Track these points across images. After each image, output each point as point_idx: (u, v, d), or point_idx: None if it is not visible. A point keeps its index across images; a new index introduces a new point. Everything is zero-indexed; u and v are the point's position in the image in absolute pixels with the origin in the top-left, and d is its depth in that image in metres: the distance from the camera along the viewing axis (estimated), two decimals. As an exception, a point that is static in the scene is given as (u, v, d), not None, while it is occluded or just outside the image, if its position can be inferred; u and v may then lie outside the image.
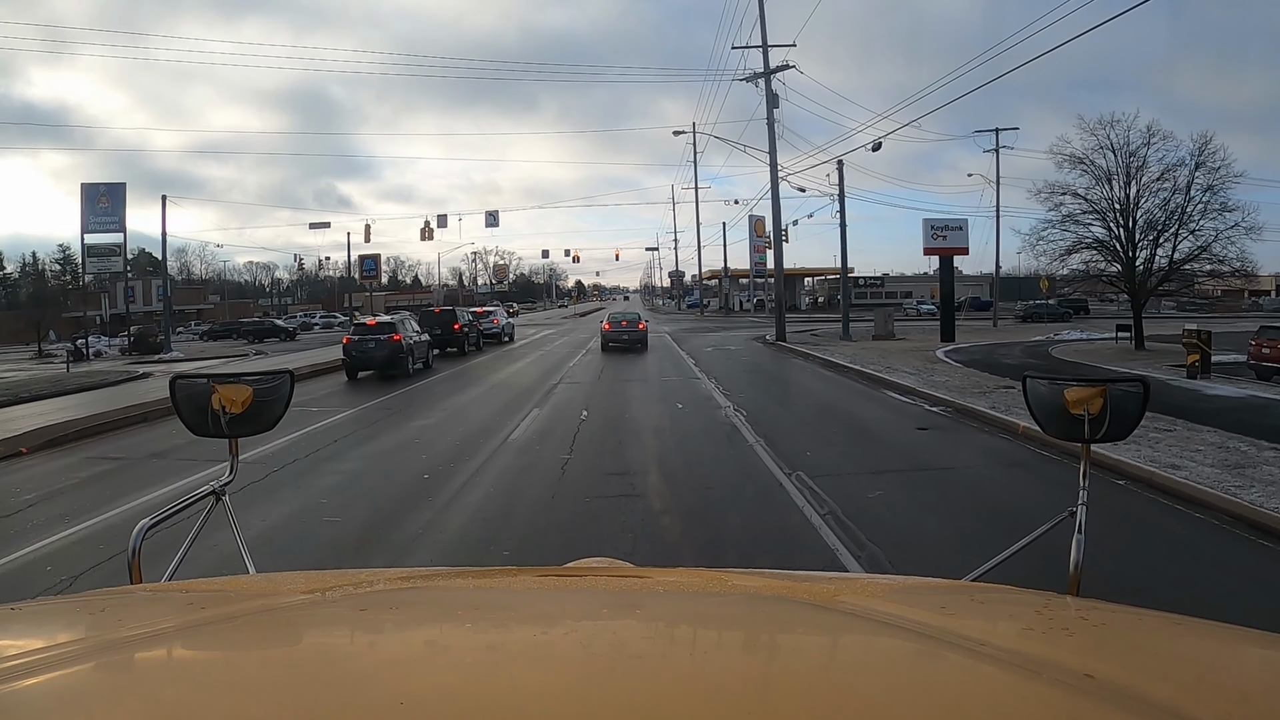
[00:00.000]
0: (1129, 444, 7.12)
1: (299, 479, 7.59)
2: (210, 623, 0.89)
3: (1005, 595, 1.12)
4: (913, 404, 12.28)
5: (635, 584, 1.21)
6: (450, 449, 8.85)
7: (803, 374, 17.63)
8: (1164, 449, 7.73)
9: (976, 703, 0.66)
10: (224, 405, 1.41)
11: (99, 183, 39.05)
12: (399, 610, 0.95)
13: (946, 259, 32.13)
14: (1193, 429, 8.91)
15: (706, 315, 62.02)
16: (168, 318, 39.74)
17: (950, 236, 32.00)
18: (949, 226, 32.23)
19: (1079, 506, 1.29)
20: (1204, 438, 8.39)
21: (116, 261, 40.50)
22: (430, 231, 33.74)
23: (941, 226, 32.05)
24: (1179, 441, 8.13)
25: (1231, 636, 0.89)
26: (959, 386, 13.40)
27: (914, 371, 16.53)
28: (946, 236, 31.90)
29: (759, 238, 58.52)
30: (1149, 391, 1.34)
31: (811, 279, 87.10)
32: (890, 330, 32.51)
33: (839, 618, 0.94)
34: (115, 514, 6.48)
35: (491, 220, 33.81)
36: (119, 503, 6.88)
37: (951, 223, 32.50)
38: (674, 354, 22.71)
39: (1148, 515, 5.97)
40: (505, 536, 5.62)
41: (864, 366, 17.80)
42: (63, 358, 33.21)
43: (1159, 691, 0.67)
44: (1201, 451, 7.65)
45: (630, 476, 7.31)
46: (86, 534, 5.98)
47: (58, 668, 0.69)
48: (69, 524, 6.24)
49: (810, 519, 5.83)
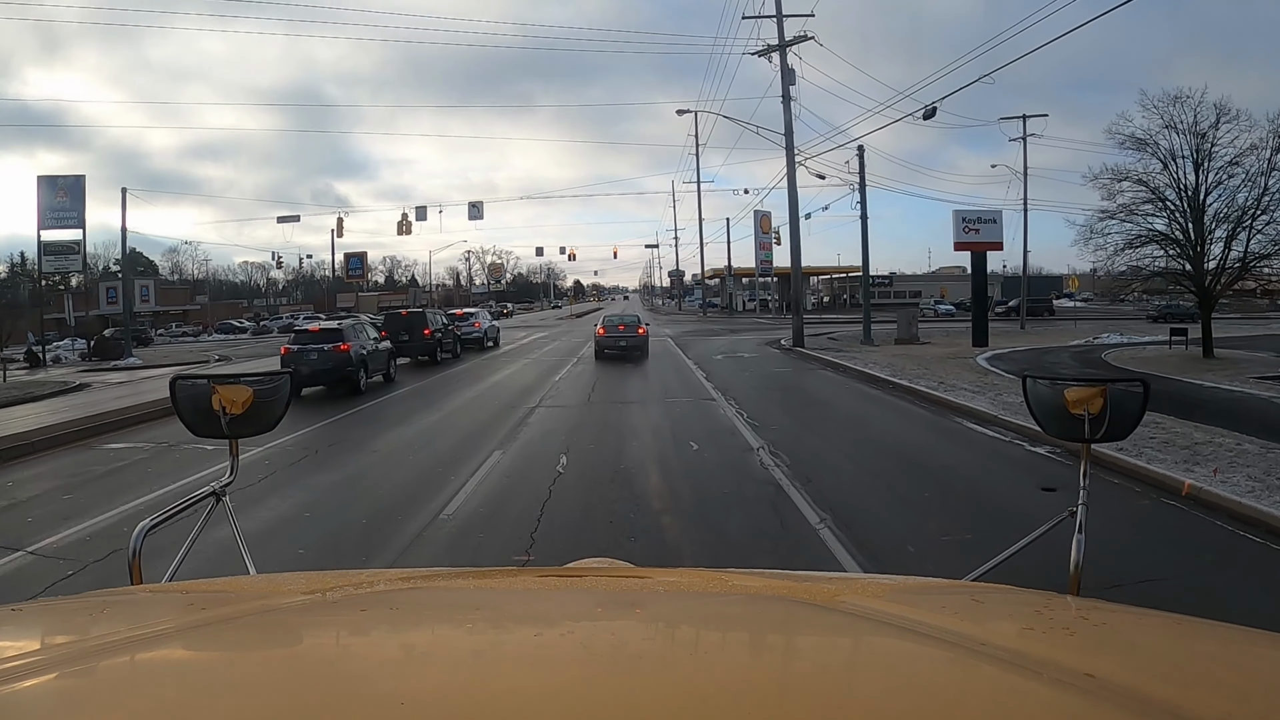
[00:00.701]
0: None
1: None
2: (210, 623, 0.89)
3: (1005, 595, 1.12)
4: (1005, 440, 9.15)
5: (635, 584, 1.20)
6: (345, 538, 5.72)
7: (841, 392, 14.46)
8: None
9: (977, 702, 0.66)
10: (224, 406, 1.41)
11: (58, 175, 36.23)
12: (399, 610, 0.96)
13: (979, 255, 29.03)
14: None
15: (710, 316, 58.83)
16: (128, 321, 36.52)
17: (983, 230, 28.90)
18: (982, 219, 29.12)
19: (1079, 506, 1.30)
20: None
21: (75, 260, 37.54)
22: (408, 225, 30.59)
23: (974, 219, 28.94)
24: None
25: (1231, 636, 0.89)
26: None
27: (974, 389, 13.41)
28: (979, 230, 28.81)
29: (765, 234, 55.39)
30: (1149, 391, 1.34)
31: (816, 278, 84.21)
32: (915, 333, 29.58)
33: (839, 618, 0.94)
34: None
35: (475, 212, 30.65)
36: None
37: (985, 215, 29.39)
38: (679, 363, 19.58)
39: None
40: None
41: (911, 381, 14.69)
42: (20, 362, 30.63)
43: (1159, 691, 0.66)
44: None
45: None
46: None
47: (58, 668, 0.70)
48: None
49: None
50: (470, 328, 25.14)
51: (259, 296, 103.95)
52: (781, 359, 21.03)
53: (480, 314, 27.15)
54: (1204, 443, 7.98)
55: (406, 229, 30.63)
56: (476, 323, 25.66)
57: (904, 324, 29.67)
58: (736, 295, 66.69)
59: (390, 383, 16.65)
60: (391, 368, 17.25)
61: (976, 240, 28.73)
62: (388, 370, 17.01)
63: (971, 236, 28.64)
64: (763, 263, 55.40)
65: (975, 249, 28.82)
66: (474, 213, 30.83)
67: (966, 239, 28.59)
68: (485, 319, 27.01)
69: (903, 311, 31.69)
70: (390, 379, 16.94)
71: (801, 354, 21.48)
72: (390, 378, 17.01)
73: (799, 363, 19.87)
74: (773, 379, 16.39)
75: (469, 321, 25.53)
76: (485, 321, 26.54)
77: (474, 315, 26.33)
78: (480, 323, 25.83)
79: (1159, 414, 9.10)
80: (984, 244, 28.96)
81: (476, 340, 25.41)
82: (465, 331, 24.72)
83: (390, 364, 17.20)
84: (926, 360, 18.94)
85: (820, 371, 17.74)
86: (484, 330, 25.82)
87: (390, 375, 17.12)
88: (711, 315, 60.57)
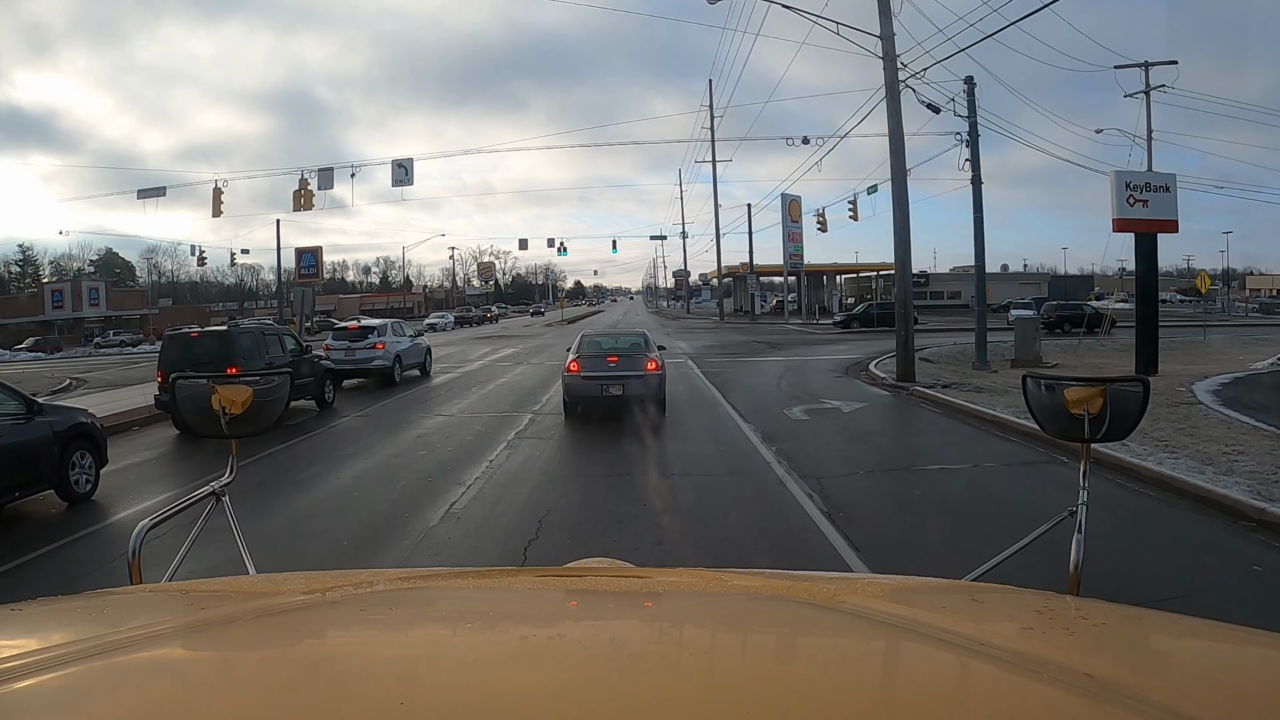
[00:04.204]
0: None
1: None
2: (211, 623, 0.89)
3: (1005, 595, 1.11)
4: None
5: (635, 584, 1.19)
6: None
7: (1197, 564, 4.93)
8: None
9: (977, 702, 0.65)
10: (224, 406, 1.41)
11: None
12: (399, 610, 0.95)
13: (1147, 239, 19.68)
14: None
15: (728, 322, 49.19)
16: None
17: (1154, 203, 19.38)
18: (1150, 186, 19.74)
19: (1079, 506, 1.30)
20: None
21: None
22: (308, 196, 21.38)
23: (1140, 186, 19.56)
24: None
25: (1231, 636, 0.89)
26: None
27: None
28: (1149, 203, 19.39)
29: (794, 222, 45.85)
30: (1149, 390, 1.33)
31: (841, 276, 74.70)
32: (1038, 351, 20.52)
33: (839, 618, 0.93)
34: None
35: (402, 174, 21.39)
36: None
37: (1155, 180, 19.99)
38: (741, 449, 9.38)
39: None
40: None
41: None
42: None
43: (1159, 691, 0.66)
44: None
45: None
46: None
47: (58, 668, 0.69)
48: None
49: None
50: (368, 352, 15.58)
51: (252, 298, 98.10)
52: (918, 419, 11.38)
53: (388, 328, 16.79)
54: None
55: (306, 202, 21.43)
56: (379, 344, 15.97)
57: (1024, 339, 20.59)
58: (755, 296, 56.89)
59: (87, 500, 7.32)
60: (93, 469, 7.88)
61: (1145, 216, 19.30)
62: (93, 470, 7.63)
63: (1139, 211, 19.16)
64: (792, 256, 45.79)
65: (1142, 229, 19.43)
66: (400, 175, 21.52)
67: (1132, 214, 19.12)
68: (398, 336, 17.03)
69: (1022, 323, 22.23)
70: (90, 491, 7.55)
71: (936, 403, 12.00)
72: (93, 485, 7.62)
73: (975, 436, 10.13)
74: (1007, 511, 6.72)
75: (366, 342, 15.93)
76: (397, 341, 16.74)
77: (375, 331, 16.36)
78: (384, 344, 16.03)
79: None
80: (1154, 222, 19.53)
81: (383, 372, 16.01)
82: (359, 359, 15.28)
83: (91, 463, 7.79)
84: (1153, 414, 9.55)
85: (1053, 471, 8.02)
86: (393, 356, 16.11)
87: (94, 480, 7.76)
88: (730, 320, 51.00)
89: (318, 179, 21.60)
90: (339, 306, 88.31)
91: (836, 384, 15.13)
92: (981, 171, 18.71)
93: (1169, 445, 8.49)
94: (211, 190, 21.22)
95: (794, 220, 45.75)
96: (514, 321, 62.81)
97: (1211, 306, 37.83)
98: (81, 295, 68.91)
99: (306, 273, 54.05)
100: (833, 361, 19.57)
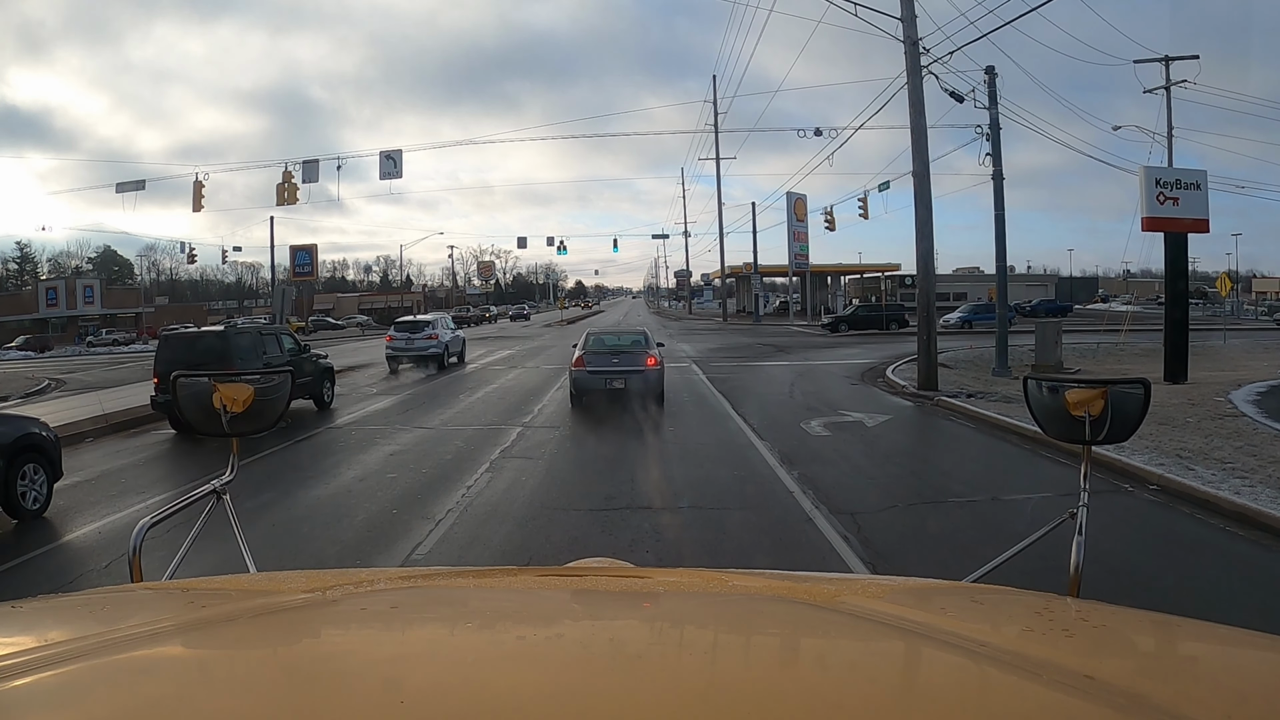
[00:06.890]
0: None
1: None
2: (211, 621, 0.88)
3: (1005, 596, 1.10)
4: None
5: (635, 584, 1.18)
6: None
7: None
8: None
9: (977, 704, 0.65)
10: (225, 404, 1.40)
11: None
12: (399, 609, 0.94)
13: (1177, 239, 18.76)
14: None
15: (731, 323, 48.20)
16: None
17: (1184, 201, 18.43)
18: (1181, 183, 18.78)
19: (1079, 508, 1.28)
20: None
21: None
22: (291, 190, 20.42)
23: (1170, 183, 18.62)
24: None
25: (1231, 637, 0.88)
26: None
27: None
28: (1179, 201, 18.45)
29: (799, 221, 44.91)
30: (1150, 392, 1.30)
31: (845, 277, 73.62)
32: (1060, 357, 19.64)
33: (839, 618, 0.92)
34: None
35: (390, 168, 20.45)
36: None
37: (1186, 177, 19.03)
38: (745, 455, 8.74)
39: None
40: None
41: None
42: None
43: (1159, 692, 0.66)
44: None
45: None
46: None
47: (58, 666, 0.68)
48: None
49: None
50: (424, 341, 17.99)
51: (251, 297, 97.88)
52: (954, 436, 10.36)
53: (439, 323, 19.85)
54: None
55: (290, 195, 20.46)
56: (434, 334, 18.79)
57: (1046, 343, 19.68)
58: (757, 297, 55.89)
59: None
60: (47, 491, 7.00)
61: (1175, 215, 18.37)
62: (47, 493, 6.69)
63: (1169, 210, 18.23)
64: (797, 256, 44.81)
65: (1173, 228, 18.50)
66: (388, 167, 20.56)
67: (1162, 212, 18.19)
68: (446, 329, 20.20)
69: (1044, 325, 21.23)
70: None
71: (971, 418, 11.02)
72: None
73: (1028, 459, 8.95)
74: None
75: (423, 334, 18.67)
76: (446, 332, 19.63)
77: (430, 325, 19.42)
78: (438, 334, 18.60)
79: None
80: (1184, 221, 18.59)
81: (435, 356, 18.28)
82: (416, 348, 17.66)
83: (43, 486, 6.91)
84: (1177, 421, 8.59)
85: (1165, 519, 6.95)
86: (444, 344, 18.37)
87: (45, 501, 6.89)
88: (734, 321, 50.00)
89: (302, 172, 20.66)
90: (337, 306, 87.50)
91: (854, 392, 14.11)
92: (1003, 167, 17.81)
93: (1236, 469, 7.55)
94: (192, 184, 20.23)
95: (799, 219, 44.79)
96: (512, 325, 61.53)
97: (1221, 310, 36.81)
98: (76, 293, 67.86)
99: (301, 271, 53.20)
100: (845, 366, 18.57)
